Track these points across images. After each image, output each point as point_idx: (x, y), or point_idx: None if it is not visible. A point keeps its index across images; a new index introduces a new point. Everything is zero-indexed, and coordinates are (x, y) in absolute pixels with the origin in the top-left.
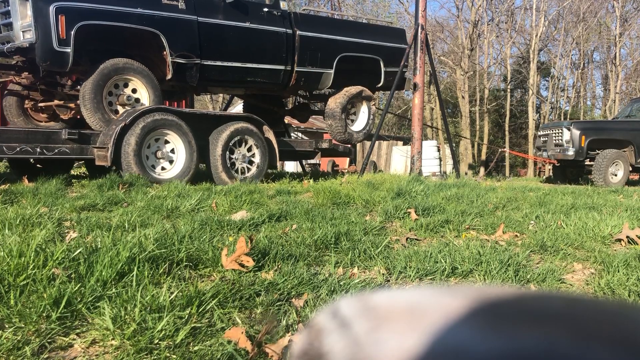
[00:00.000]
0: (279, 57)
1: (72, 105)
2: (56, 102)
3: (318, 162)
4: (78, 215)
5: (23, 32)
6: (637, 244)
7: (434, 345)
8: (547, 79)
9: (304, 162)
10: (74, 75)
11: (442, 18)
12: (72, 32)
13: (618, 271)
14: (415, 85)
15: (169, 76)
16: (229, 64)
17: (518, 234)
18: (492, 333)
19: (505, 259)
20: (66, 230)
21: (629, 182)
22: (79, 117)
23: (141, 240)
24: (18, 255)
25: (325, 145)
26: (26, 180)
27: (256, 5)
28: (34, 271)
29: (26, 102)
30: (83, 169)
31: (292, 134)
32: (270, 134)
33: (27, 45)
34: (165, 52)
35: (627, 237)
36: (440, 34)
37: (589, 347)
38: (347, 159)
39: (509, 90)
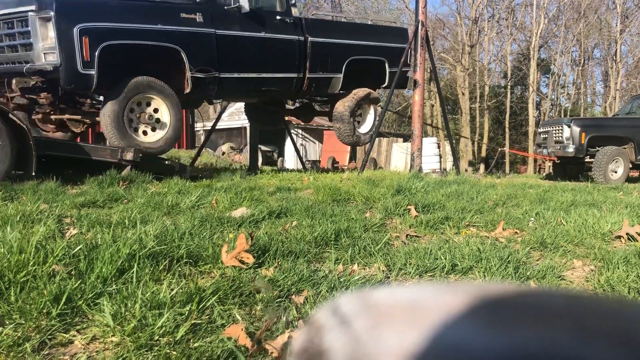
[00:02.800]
0: (292, 64)
1: (87, 120)
2: (67, 116)
3: (318, 160)
4: (78, 212)
5: (45, 54)
6: (637, 241)
7: (435, 342)
8: (547, 75)
9: (304, 159)
10: (95, 95)
11: (442, 15)
12: (96, 54)
13: (618, 268)
14: (415, 82)
15: (187, 90)
16: (246, 75)
17: (518, 231)
18: (493, 330)
19: (505, 256)
20: (66, 227)
21: (629, 179)
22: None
23: (141, 237)
24: (18, 252)
25: (129, 156)
26: None
27: (269, 14)
28: (34, 268)
29: (33, 114)
30: None
31: (292, 132)
32: (28, 132)
33: (51, 68)
34: (184, 67)
35: (627, 234)
36: (440, 31)
37: (589, 344)
38: (348, 155)
39: (509, 87)
